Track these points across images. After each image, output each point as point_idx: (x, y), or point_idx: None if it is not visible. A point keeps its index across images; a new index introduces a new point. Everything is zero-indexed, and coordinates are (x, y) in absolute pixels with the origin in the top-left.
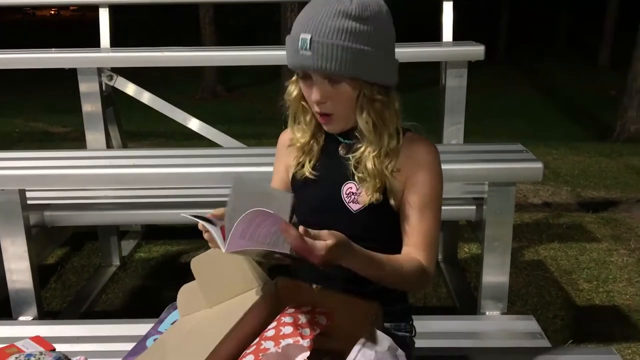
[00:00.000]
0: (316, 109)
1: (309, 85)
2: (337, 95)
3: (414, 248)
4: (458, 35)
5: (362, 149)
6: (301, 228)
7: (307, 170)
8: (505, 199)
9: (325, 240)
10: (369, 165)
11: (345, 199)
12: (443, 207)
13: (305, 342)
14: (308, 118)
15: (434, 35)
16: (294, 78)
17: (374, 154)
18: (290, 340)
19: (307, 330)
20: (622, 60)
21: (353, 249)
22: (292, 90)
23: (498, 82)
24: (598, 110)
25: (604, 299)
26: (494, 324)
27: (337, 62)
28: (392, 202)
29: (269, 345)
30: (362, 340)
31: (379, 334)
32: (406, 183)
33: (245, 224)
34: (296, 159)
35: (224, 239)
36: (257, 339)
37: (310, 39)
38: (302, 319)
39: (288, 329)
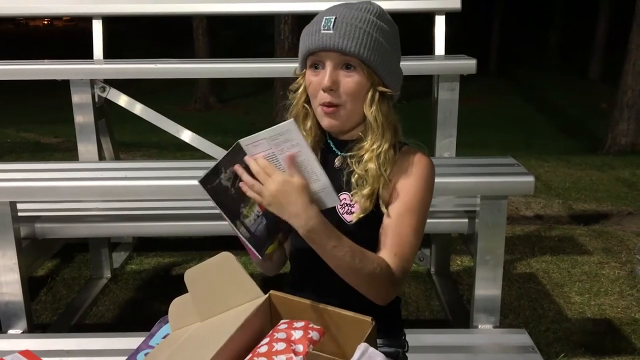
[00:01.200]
0: (324, 97)
1: (320, 74)
2: (349, 84)
3: (385, 250)
4: (450, 48)
5: (365, 146)
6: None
7: None
8: (497, 212)
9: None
10: (371, 165)
11: (340, 209)
12: (436, 220)
13: (299, 359)
14: (309, 125)
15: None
16: (302, 71)
17: (376, 152)
18: (283, 357)
19: (300, 347)
20: (613, 73)
21: (309, 203)
22: (300, 83)
23: (490, 94)
24: (589, 123)
25: (595, 312)
26: (487, 338)
27: (358, 43)
28: (383, 212)
29: None
30: (355, 356)
31: (372, 350)
32: (393, 190)
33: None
34: None
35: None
36: (250, 355)
37: (335, 19)
38: (295, 334)
39: (281, 345)
